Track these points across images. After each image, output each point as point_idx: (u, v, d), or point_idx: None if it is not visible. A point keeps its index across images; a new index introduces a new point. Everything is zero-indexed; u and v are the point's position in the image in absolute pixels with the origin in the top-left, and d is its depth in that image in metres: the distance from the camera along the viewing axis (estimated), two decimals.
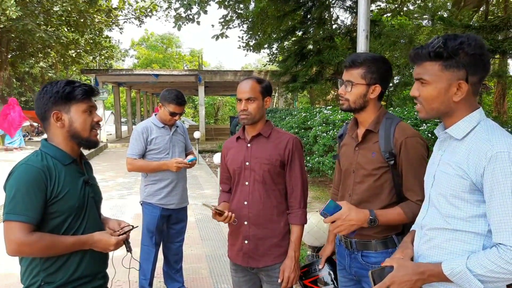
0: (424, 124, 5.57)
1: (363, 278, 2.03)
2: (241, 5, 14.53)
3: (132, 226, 1.93)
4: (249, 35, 16.89)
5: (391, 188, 1.96)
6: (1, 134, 15.06)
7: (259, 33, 16.16)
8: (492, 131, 1.40)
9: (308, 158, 8.55)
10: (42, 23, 14.82)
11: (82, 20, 16.01)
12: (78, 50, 20.18)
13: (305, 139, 8.81)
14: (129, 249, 1.92)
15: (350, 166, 2.08)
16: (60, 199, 1.69)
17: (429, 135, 5.36)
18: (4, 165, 10.39)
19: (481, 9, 11.40)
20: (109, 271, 1.98)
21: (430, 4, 13.10)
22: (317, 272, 2.29)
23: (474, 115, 1.45)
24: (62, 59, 21.18)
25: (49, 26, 16.02)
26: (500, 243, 1.30)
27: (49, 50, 18.77)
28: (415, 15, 14.33)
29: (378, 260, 1.94)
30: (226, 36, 14.40)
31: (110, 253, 1.92)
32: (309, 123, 8.96)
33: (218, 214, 2.19)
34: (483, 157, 1.35)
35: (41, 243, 1.62)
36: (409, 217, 1.86)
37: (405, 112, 6.36)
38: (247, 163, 2.29)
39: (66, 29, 17.65)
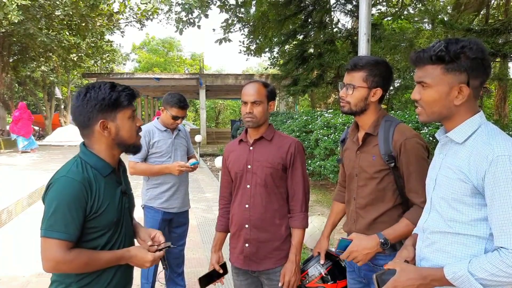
0: (425, 128, 5.58)
1: (372, 281, 2.03)
2: (242, 9, 14.57)
3: (169, 244, 1.87)
4: (250, 39, 16.93)
5: (394, 190, 1.96)
6: (14, 139, 15.20)
7: (260, 37, 16.19)
8: (492, 134, 1.40)
9: (309, 161, 8.55)
10: (44, 27, 14.89)
11: (83, 24, 16.05)
12: (80, 54, 20.22)
13: (306, 142, 8.82)
14: (165, 267, 1.89)
15: (353, 170, 2.09)
16: (99, 214, 1.62)
17: (430, 138, 5.37)
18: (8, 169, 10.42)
19: (481, 12, 11.41)
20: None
21: (430, 8, 13.12)
22: (306, 268, 2.28)
23: (475, 119, 1.46)
24: (63, 63, 21.26)
25: (51, 30, 16.06)
26: (501, 247, 1.30)
27: (51, 54, 18.81)
28: (416, 19, 14.36)
29: (387, 263, 1.94)
30: (229, 40, 14.44)
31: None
32: (310, 126, 8.97)
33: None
34: (484, 160, 1.35)
35: (79, 261, 1.56)
36: (416, 224, 1.85)
37: (406, 116, 6.37)
38: (249, 166, 2.30)
39: (67, 33, 17.68)
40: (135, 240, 1.91)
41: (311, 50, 12.39)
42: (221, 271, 2.35)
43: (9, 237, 5.69)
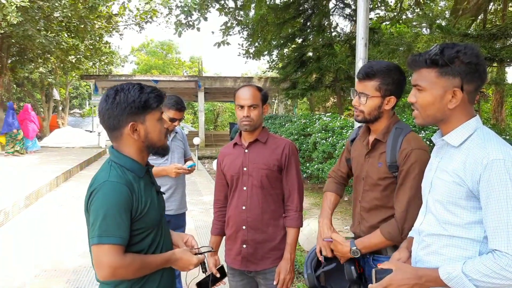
0: (422, 132, 5.60)
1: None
2: (241, 12, 14.61)
3: (210, 248, 1.90)
4: (249, 42, 16.96)
5: None
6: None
7: (259, 40, 16.22)
8: (488, 138, 1.42)
9: (307, 164, 8.56)
10: (43, 28, 14.85)
11: (82, 26, 16.03)
12: (78, 56, 20.19)
13: (304, 145, 8.83)
14: (204, 270, 1.90)
15: (361, 173, 2.10)
16: (144, 215, 1.61)
17: (427, 142, 5.38)
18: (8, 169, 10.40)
19: (479, 17, 11.46)
20: None
21: (428, 13, 13.18)
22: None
23: (471, 123, 1.47)
24: (61, 65, 21.21)
25: (49, 32, 16.03)
26: (496, 249, 1.31)
27: (49, 55, 18.77)
28: (414, 23, 14.40)
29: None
30: (228, 43, 14.46)
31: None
32: (308, 129, 8.98)
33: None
34: (479, 164, 1.36)
35: (134, 265, 1.55)
36: (385, 236, 1.89)
37: (404, 120, 6.39)
38: (245, 169, 2.33)
39: (66, 35, 17.67)
40: None
41: (310, 54, 12.44)
42: (218, 275, 2.34)
43: (6, 239, 5.67)
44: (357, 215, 2.13)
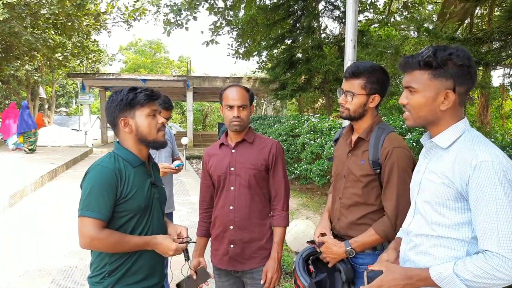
0: (409, 133, 5.65)
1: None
2: (231, 12, 14.59)
3: (190, 238, 2.00)
4: (238, 43, 16.95)
5: (378, 195, 2.03)
6: (1, 138, 15.31)
7: (248, 41, 16.22)
8: (476, 141, 1.44)
9: (296, 165, 8.58)
10: (29, 25, 14.64)
11: (69, 24, 15.84)
12: (65, 54, 19.91)
13: (293, 146, 8.85)
14: (187, 258, 2.02)
15: (342, 170, 2.16)
16: (129, 199, 1.82)
17: (414, 144, 5.43)
18: None
19: (465, 22, 11.62)
20: None
21: (416, 16, 13.32)
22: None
23: (459, 125, 1.49)
24: (48, 62, 20.92)
25: (36, 29, 15.80)
26: (486, 250, 1.32)
27: (35, 53, 18.50)
28: (402, 26, 14.55)
29: (366, 262, 2.01)
30: (216, 42, 14.42)
31: (173, 258, 2.05)
32: (297, 130, 9.01)
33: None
34: (468, 166, 1.38)
35: (110, 239, 1.75)
36: (380, 235, 1.95)
37: (391, 122, 6.44)
38: (232, 169, 2.33)
39: (53, 32, 17.40)
40: None
41: (299, 55, 12.46)
42: (194, 277, 2.32)
43: None
44: (336, 212, 2.18)
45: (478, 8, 10.99)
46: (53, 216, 6.71)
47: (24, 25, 14.04)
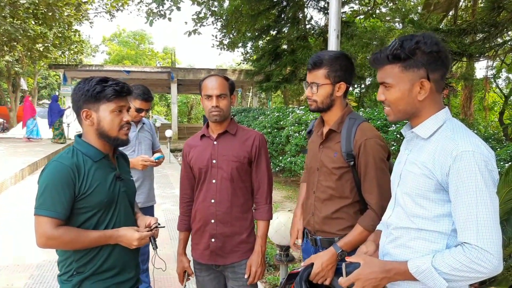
0: (392, 125, 5.65)
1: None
2: (215, 3, 14.42)
3: (159, 223, 1.95)
4: (223, 34, 16.77)
5: (352, 187, 2.00)
6: None
7: (233, 32, 16.07)
8: (457, 130, 1.41)
9: (280, 158, 8.55)
10: (8, 15, 14.26)
11: (50, 14, 15.46)
12: (46, 44, 19.45)
13: (277, 139, 8.82)
14: (155, 247, 1.93)
15: (315, 163, 2.13)
16: (89, 195, 1.75)
17: (398, 136, 5.44)
18: None
19: (450, 13, 11.68)
20: None
21: (401, 7, 13.34)
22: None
23: (440, 115, 1.46)
24: (29, 53, 20.41)
25: (16, 19, 15.40)
26: (465, 242, 1.30)
27: (15, 43, 18.01)
28: (387, 18, 14.58)
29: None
30: (199, 33, 14.27)
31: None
32: (282, 123, 8.98)
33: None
34: (448, 156, 1.35)
35: (66, 237, 1.70)
36: (370, 230, 1.88)
37: (375, 113, 6.44)
38: (214, 161, 2.27)
39: (33, 22, 16.98)
40: None
41: (285, 46, 12.39)
42: (192, 274, 2.38)
43: None
44: (310, 206, 2.14)
45: None
46: (32, 211, 6.56)
47: (3, 15, 13.67)
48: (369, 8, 14.08)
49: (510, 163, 4.04)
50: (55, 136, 15.19)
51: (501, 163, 4.24)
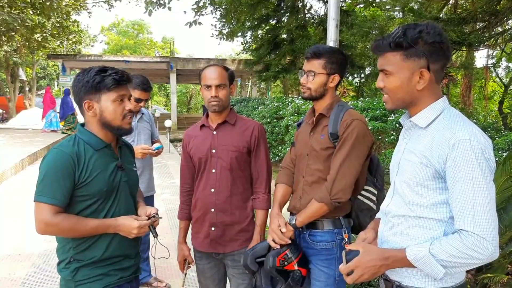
0: (392, 115, 5.65)
1: (310, 258, 2.15)
2: None
3: (157, 214, 1.95)
4: (222, 23, 16.65)
5: None
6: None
7: (232, 21, 15.95)
8: (455, 119, 1.42)
9: (279, 147, 8.56)
10: (6, 5, 14.17)
11: (48, 3, 15.37)
12: (44, 34, 19.36)
13: (277, 128, 8.82)
14: (155, 235, 1.96)
15: (305, 150, 2.19)
16: (88, 183, 1.75)
17: (397, 125, 5.44)
18: None
19: (450, 2, 11.61)
20: None
21: None
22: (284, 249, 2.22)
23: (438, 104, 1.47)
24: (27, 43, 20.33)
25: (13, 9, 15.32)
26: (462, 229, 1.32)
27: (13, 33, 17.94)
28: (387, 7, 14.49)
29: (324, 239, 2.09)
30: (200, 23, 14.16)
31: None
32: (281, 112, 8.97)
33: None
34: (445, 144, 1.36)
35: (65, 224, 1.71)
36: (317, 200, 2.01)
37: (375, 103, 6.44)
38: (213, 151, 2.29)
39: (31, 12, 16.90)
40: None
41: (284, 36, 12.34)
42: (192, 262, 2.43)
43: None
44: (299, 190, 2.20)
45: None
46: (32, 201, 6.59)
47: (1, 4, 13.57)
48: None
49: (508, 152, 4.06)
50: (66, 125, 15.27)
51: (499, 152, 4.26)
